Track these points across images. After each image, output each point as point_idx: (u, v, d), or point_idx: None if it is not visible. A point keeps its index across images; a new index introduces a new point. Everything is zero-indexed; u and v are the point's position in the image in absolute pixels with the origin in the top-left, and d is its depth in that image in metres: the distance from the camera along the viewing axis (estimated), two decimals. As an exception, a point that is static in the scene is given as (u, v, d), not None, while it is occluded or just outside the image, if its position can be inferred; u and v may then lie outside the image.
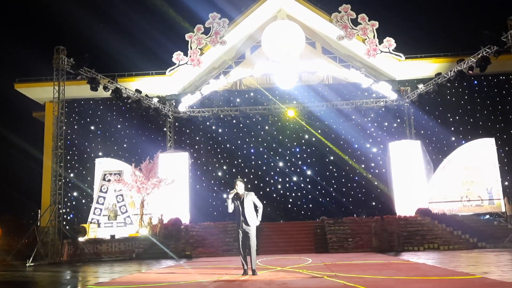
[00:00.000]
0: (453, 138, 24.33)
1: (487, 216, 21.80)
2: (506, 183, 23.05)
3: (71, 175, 25.66)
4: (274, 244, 18.61)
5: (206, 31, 26.00)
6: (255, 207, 9.45)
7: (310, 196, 25.17)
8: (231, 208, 9.40)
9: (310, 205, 25.04)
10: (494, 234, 18.60)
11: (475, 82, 24.83)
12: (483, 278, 7.77)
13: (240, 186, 9.44)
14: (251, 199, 9.43)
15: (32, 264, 17.13)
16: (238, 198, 9.43)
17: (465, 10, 30.04)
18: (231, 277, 9.41)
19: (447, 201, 22.35)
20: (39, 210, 23.40)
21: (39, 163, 25.85)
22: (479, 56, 19.52)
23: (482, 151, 22.40)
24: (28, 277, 12.69)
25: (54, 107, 20.11)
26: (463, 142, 23.36)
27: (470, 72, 20.55)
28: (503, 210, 20.97)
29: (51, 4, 31.32)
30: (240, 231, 9.35)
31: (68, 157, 25.51)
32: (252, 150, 25.92)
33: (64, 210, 23.85)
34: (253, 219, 9.34)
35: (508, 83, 24.50)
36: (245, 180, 9.91)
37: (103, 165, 23.98)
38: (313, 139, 25.52)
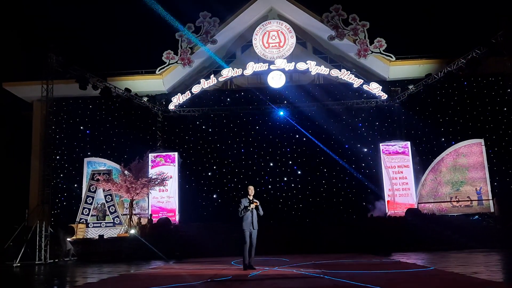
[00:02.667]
0: (443, 139, 24.38)
1: (476, 217, 21.91)
2: (496, 184, 23.16)
3: (60, 174, 25.36)
4: (265, 244, 18.42)
5: (197, 30, 25.88)
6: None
7: (300, 196, 25.09)
8: (244, 213, 10.71)
9: (301, 205, 24.96)
10: (483, 235, 18.66)
11: (465, 83, 24.91)
12: (473, 277, 7.79)
13: (252, 192, 10.92)
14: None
15: (19, 264, 16.93)
16: (250, 203, 10.76)
17: (456, 11, 30.20)
18: (222, 276, 9.34)
19: (436, 202, 22.52)
20: (27, 210, 23.08)
21: (27, 162, 25.53)
22: (469, 57, 19.64)
23: (471, 152, 22.60)
24: (15, 277, 12.50)
25: (42, 106, 19.88)
26: (453, 143, 23.44)
27: (460, 73, 20.65)
28: (492, 210, 21.12)
29: (40, 2, 30.98)
30: (249, 233, 10.72)
31: (57, 157, 25.24)
32: (242, 150, 25.77)
33: (52, 210, 23.60)
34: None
35: (497, 84, 24.58)
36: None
37: (92, 164, 23.89)
38: (304, 139, 25.43)
